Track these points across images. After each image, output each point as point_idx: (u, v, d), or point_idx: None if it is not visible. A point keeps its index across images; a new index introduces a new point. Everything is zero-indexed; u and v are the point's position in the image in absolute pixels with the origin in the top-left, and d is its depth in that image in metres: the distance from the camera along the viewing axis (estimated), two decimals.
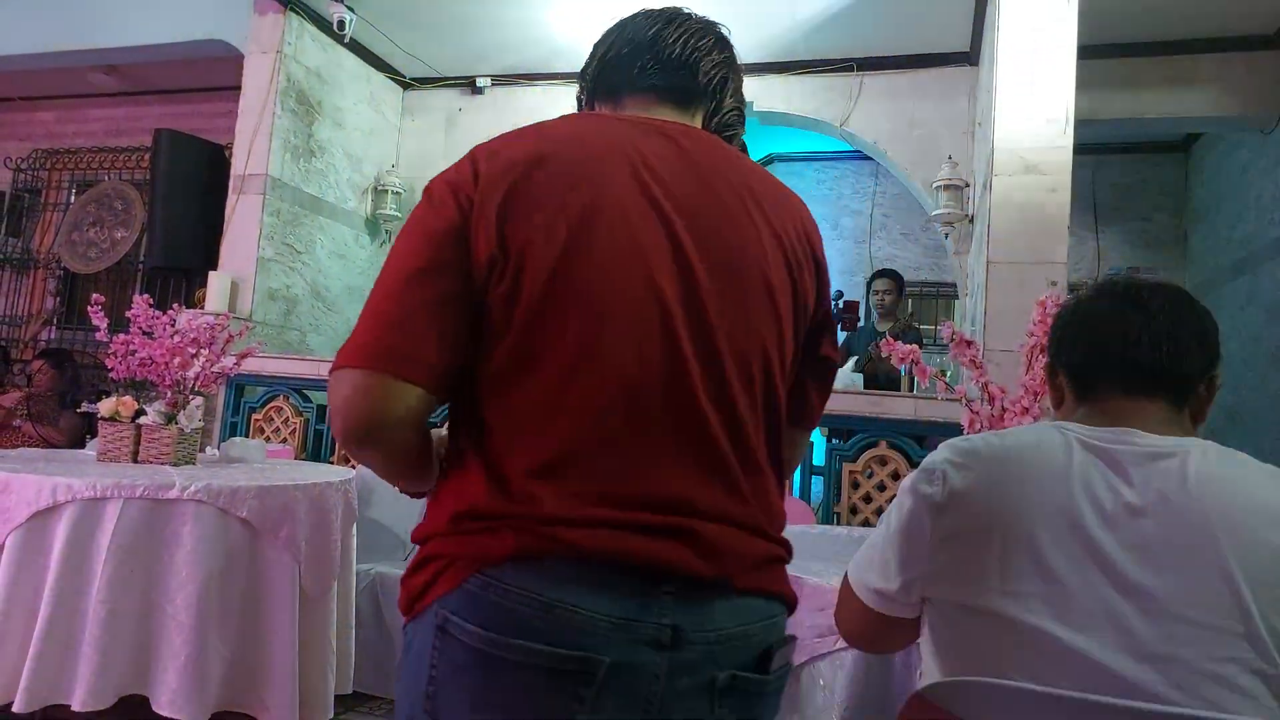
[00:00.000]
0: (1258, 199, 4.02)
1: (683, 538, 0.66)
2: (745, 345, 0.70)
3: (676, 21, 0.84)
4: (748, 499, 0.71)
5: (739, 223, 0.73)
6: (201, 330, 2.21)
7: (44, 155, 5.42)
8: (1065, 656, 0.72)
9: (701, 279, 0.69)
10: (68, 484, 1.71)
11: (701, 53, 0.83)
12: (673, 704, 0.66)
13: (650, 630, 0.65)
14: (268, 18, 3.76)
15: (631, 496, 0.66)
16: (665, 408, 0.68)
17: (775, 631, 0.73)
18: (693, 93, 0.82)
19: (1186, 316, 0.83)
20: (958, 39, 3.61)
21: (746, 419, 0.71)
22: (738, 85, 0.86)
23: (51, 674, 1.63)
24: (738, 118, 0.86)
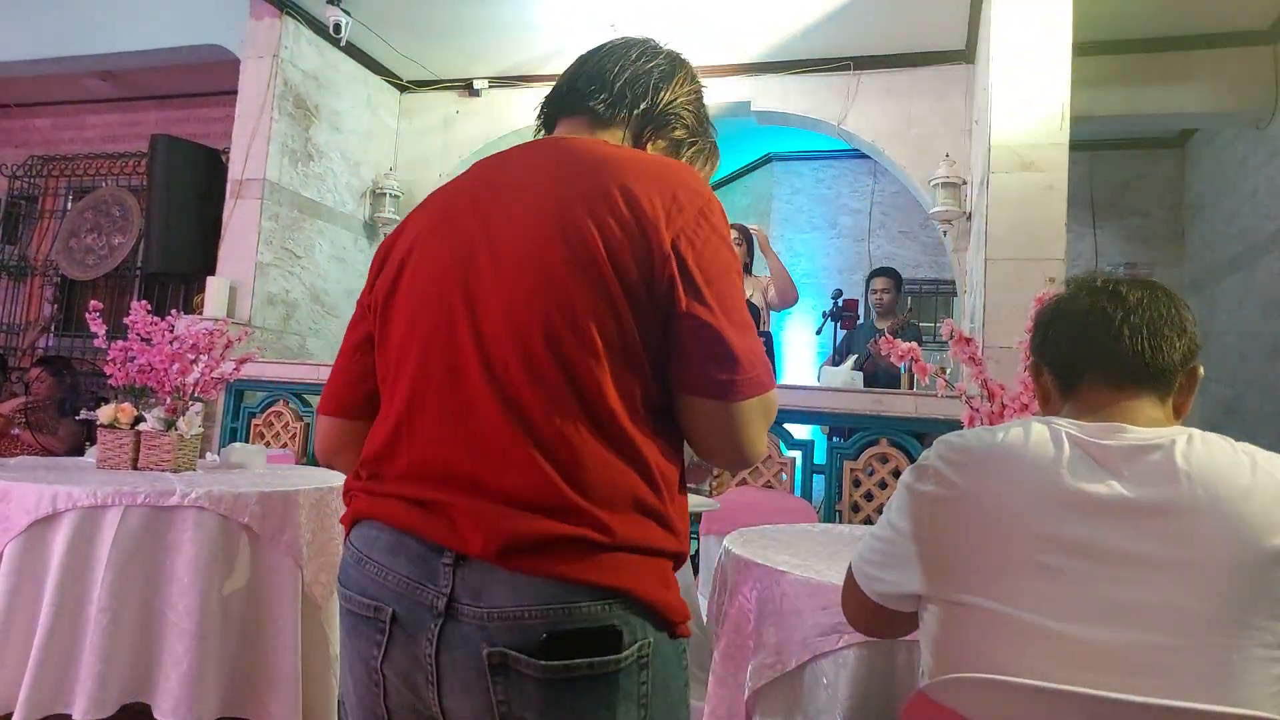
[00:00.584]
0: (1254, 193, 4.03)
1: (440, 512, 0.72)
2: (523, 326, 0.73)
3: (604, 48, 0.95)
4: (524, 476, 0.70)
5: (534, 217, 0.77)
6: (200, 336, 2.20)
7: (40, 162, 5.42)
8: (1061, 651, 0.72)
9: (484, 276, 0.76)
10: (67, 492, 1.71)
11: (613, 70, 0.91)
12: (447, 669, 0.70)
13: (429, 595, 0.71)
14: (264, 22, 3.76)
15: (415, 475, 0.75)
16: (446, 395, 0.75)
17: (566, 617, 0.68)
18: (601, 110, 0.90)
19: (1164, 309, 0.85)
20: (954, 37, 3.62)
21: (526, 397, 0.72)
22: (673, 89, 0.92)
23: (53, 683, 1.63)
24: (674, 116, 0.92)
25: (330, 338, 4.15)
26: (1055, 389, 0.90)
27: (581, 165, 0.79)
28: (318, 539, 1.95)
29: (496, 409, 0.72)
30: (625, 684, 0.71)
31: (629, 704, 0.71)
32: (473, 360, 0.74)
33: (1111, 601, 0.72)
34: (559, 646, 0.68)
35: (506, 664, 0.69)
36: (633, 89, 0.90)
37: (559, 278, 0.73)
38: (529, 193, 0.78)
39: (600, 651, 0.69)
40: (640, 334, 0.74)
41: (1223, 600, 0.70)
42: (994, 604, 0.76)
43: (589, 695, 0.70)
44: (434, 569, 0.71)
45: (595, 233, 0.74)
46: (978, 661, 0.75)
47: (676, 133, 0.92)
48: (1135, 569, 0.72)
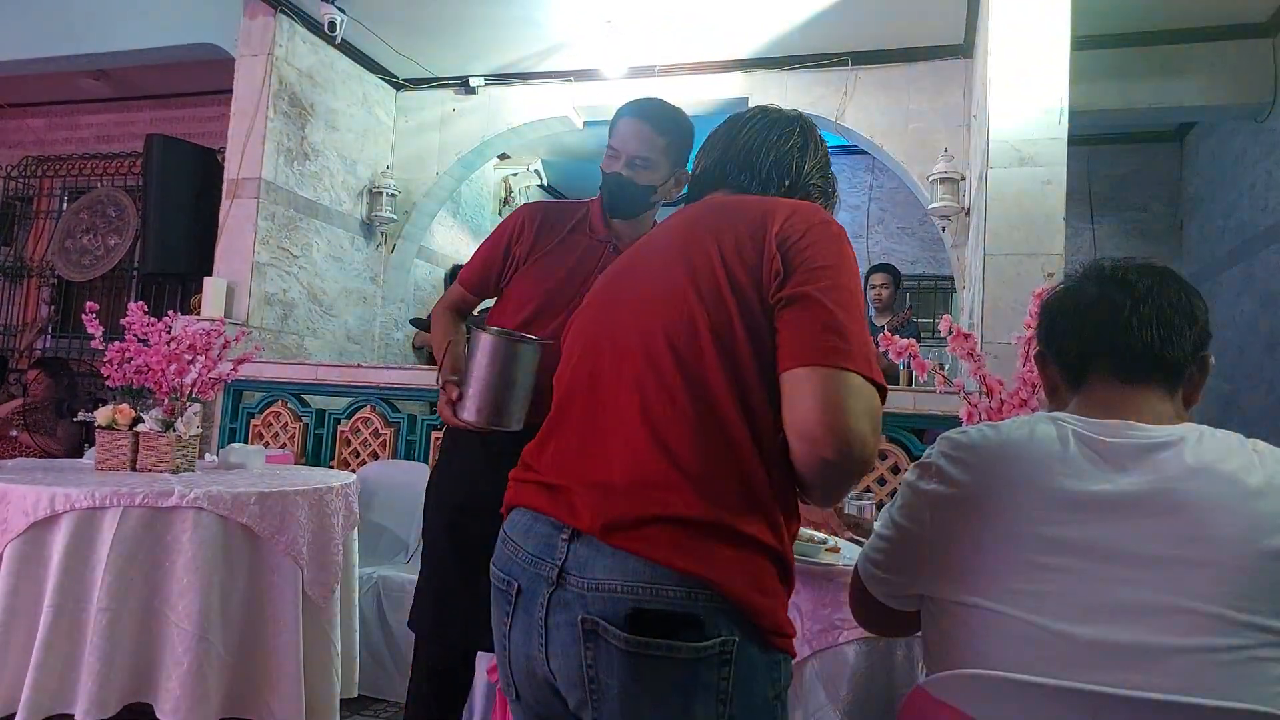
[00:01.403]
0: (1252, 187, 4.03)
1: (565, 495, 0.82)
2: (648, 332, 0.84)
3: (746, 128, 1.02)
4: (635, 455, 0.79)
5: (668, 244, 0.92)
6: (198, 336, 2.20)
7: (35, 162, 5.39)
8: (1064, 651, 0.71)
9: (627, 301, 0.90)
10: (66, 493, 1.70)
11: (759, 152, 1.00)
12: (553, 633, 0.79)
13: (546, 568, 0.80)
14: (258, 20, 3.74)
15: (554, 465, 0.86)
16: (587, 397, 0.87)
17: (652, 597, 0.74)
18: (751, 189, 0.99)
19: (1175, 297, 0.83)
20: (952, 32, 3.61)
21: (648, 390, 0.81)
22: (808, 161, 1.02)
23: (54, 684, 1.63)
24: (812, 186, 1.02)
25: (328, 337, 4.14)
26: (1062, 380, 0.88)
27: (718, 208, 0.93)
28: (317, 539, 1.95)
29: (623, 406, 0.82)
30: (704, 674, 0.74)
31: (707, 695, 0.74)
32: (608, 367, 0.86)
33: (1117, 602, 0.71)
34: (642, 623, 0.74)
35: (597, 632, 0.76)
36: (778, 170, 1.00)
37: (679, 289, 0.84)
38: (669, 239, 0.93)
39: (680, 637, 0.74)
40: (747, 332, 0.80)
41: (1229, 600, 0.69)
42: (997, 604, 0.75)
43: (667, 676, 0.74)
44: (553, 544, 0.81)
45: (715, 248, 0.85)
46: (979, 661, 0.75)
47: (815, 199, 1.02)
48: (1141, 569, 0.72)
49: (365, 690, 2.30)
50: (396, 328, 4.69)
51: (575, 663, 0.77)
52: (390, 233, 4.52)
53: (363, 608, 2.37)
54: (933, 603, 0.83)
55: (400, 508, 2.92)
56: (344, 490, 2.09)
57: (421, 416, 3.17)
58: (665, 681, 0.74)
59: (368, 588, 2.47)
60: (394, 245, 4.56)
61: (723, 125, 1.05)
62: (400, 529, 2.90)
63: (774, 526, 0.78)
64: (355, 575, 2.20)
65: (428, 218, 4.76)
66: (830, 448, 0.74)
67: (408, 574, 2.49)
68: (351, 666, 2.12)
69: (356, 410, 3.22)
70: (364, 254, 4.40)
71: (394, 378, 3.27)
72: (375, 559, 2.69)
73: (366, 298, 4.44)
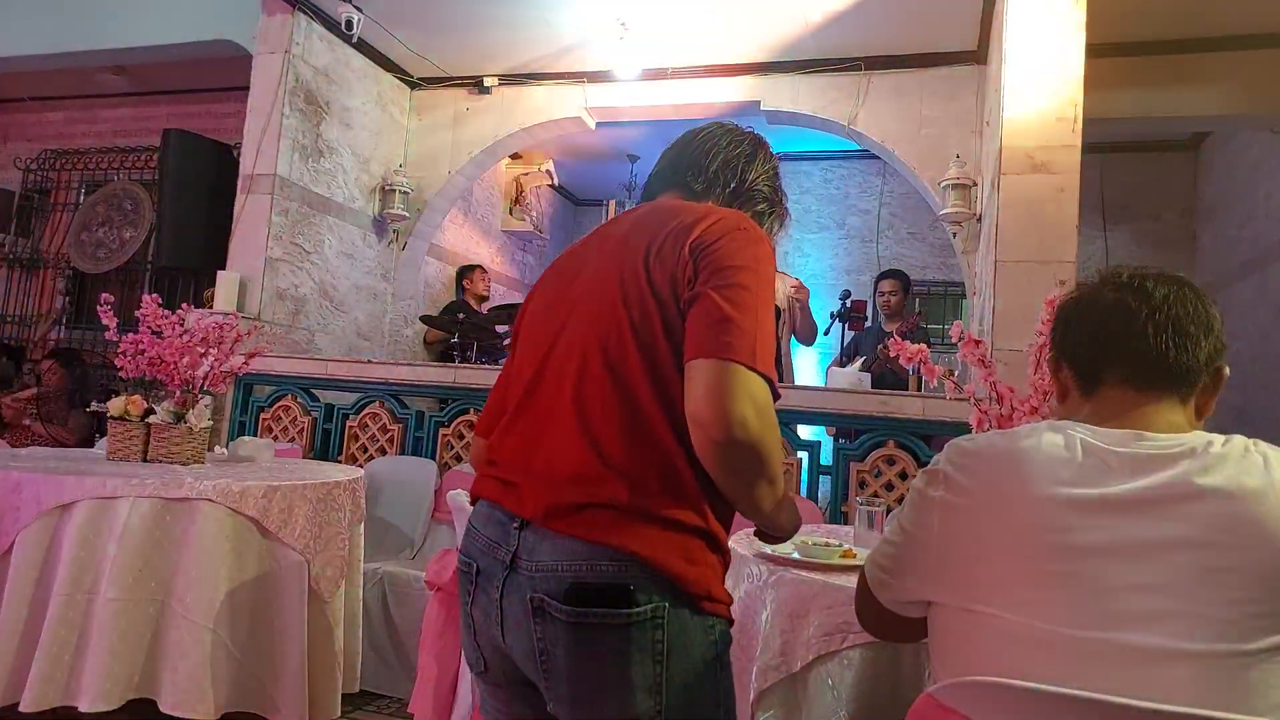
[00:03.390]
0: (1267, 197, 3.99)
1: (516, 489, 0.92)
2: (585, 345, 0.92)
3: (700, 135, 1.11)
4: (572, 454, 0.88)
5: (605, 260, 0.97)
6: (210, 329, 2.21)
7: (53, 156, 5.45)
8: (1074, 658, 0.71)
9: (567, 312, 0.97)
10: (77, 483, 1.72)
11: (707, 155, 1.08)
12: (508, 612, 0.89)
13: (502, 553, 0.90)
14: (275, 18, 3.77)
15: (507, 462, 0.95)
16: (535, 401, 0.96)
17: (588, 572, 0.84)
18: (697, 188, 1.08)
19: (1191, 306, 0.82)
20: (965, 38, 3.60)
21: (585, 397, 0.90)
22: (755, 169, 1.09)
23: (60, 674, 1.63)
24: (756, 193, 1.10)
25: (338, 333, 4.16)
26: (1075, 386, 0.88)
27: (656, 212, 1.00)
28: (324, 533, 1.95)
29: (565, 410, 0.91)
30: (639, 638, 0.83)
31: (644, 657, 0.84)
32: (552, 376, 0.94)
33: (1127, 606, 0.71)
34: (579, 596, 0.83)
35: (544, 608, 0.85)
36: (724, 172, 1.08)
37: (610, 295, 0.93)
38: (611, 240, 1.00)
39: (613, 605, 0.83)
40: (665, 333, 0.88)
41: (1239, 605, 0.69)
42: (1005, 612, 0.75)
43: (605, 641, 0.84)
44: (507, 532, 0.90)
45: (643, 255, 0.92)
46: (988, 668, 0.75)
47: (759, 206, 1.10)
48: (1150, 576, 0.71)
49: (368, 685, 2.31)
50: (406, 324, 4.71)
51: (527, 637, 0.87)
52: (402, 230, 4.55)
53: (368, 603, 2.38)
54: (941, 609, 0.83)
55: (407, 503, 2.93)
56: (351, 485, 2.10)
57: (429, 413, 3.18)
58: (605, 647, 0.84)
59: (373, 583, 2.48)
60: (405, 243, 4.58)
61: (683, 133, 1.13)
62: (406, 525, 2.91)
63: (698, 510, 0.87)
64: (360, 570, 2.21)
65: (439, 216, 4.77)
66: (716, 428, 0.81)
67: (413, 569, 2.50)
68: (355, 662, 2.13)
69: (365, 406, 3.23)
70: (375, 251, 4.42)
71: (403, 374, 3.28)
72: (381, 554, 2.70)
73: (377, 294, 4.46)
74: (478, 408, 3.11)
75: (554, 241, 6.99)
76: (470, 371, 3.22)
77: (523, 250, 6.52)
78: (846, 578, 1.25)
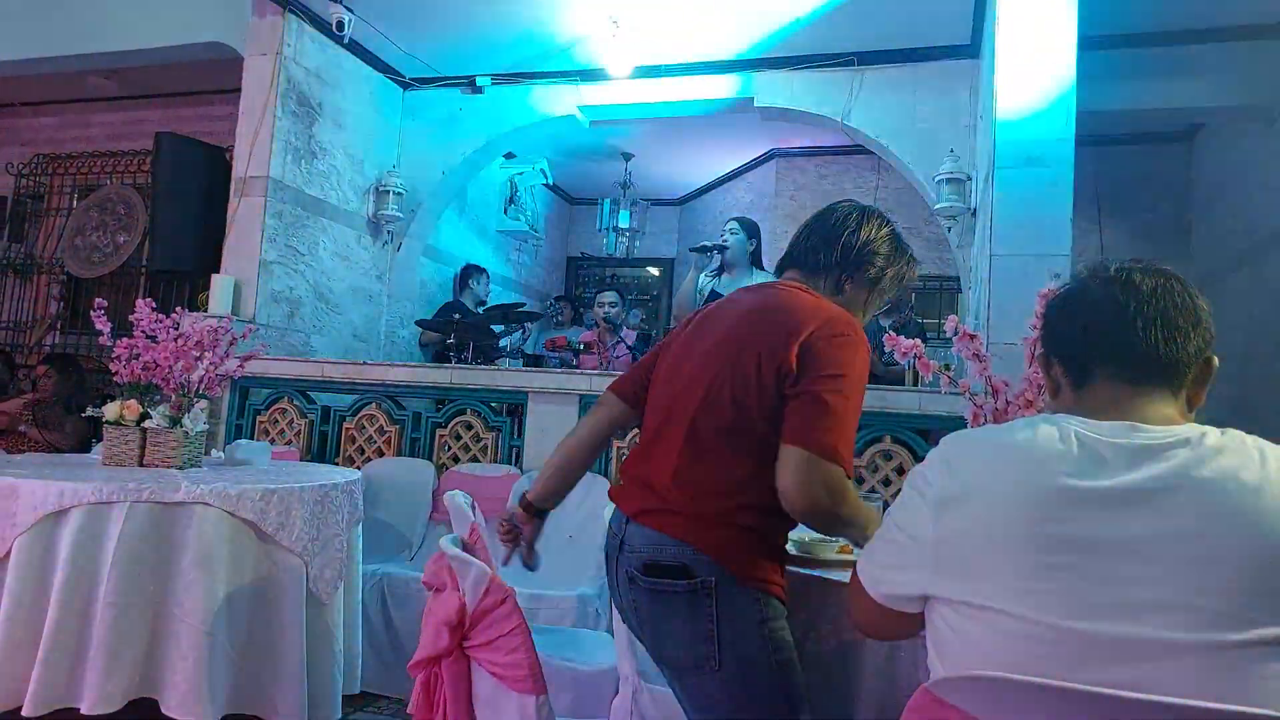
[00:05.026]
0: (1261, 188, 4.00)
1: (626, 493, 1.27)
2: (694, 394, 1.23)
3: (827, 221, 1.37)
4: (662, 475, 1.21)
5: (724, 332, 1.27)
6: (205, 333, 2.21)
7: (46, 160, 5.43)
8: (1069, 649, 0.71)
9: (690, 362, 1.28)
10: (74, 488, 1.71)
11: (825, 235, 1.35)
12: (619, 580, 1.23)
13: (615, 541, 1.24)
14: (266, 20, 3.76)
15: (628, 474, 1.30)
16: (660, 431, 1.27)
17: (659, 554, 1.16)
18: (815, 263, 1.34)
19: (1180, 299, 0.83)
20: (958, 32, 3.60)
21: (687, 434, 1.21)
22: (860, 234, 1.33)
23: (61, 678, 1.64)
24: (874, 255, 1.34)
25: (334, 334, 4.16)
26: (1066, 381, 0.88)
27: (774, 307, 1.26)
28: (322, 535, 1.95)
29: (674, 437, 1.22)
30: (695, 603, 1.14)
31: (699, 614, 1.14)
32: (676, 408, 1.24)
33: (1122, 598, 0.71)
34: (653, 569, 1.17)
35: (633, 579, 1.19)
36: (836, 251, 1.32)
37: (722, 366, 1.21)
38: (737, 314, 1.29)
39: (675, 577, 1.15)
40: (759, 407, 1.16)
41: (1234, 596, 0.69)
42: (1001, 605, 0.75)
43: (671, 603, 1.16)
44: (620, 526, 1.24)
45: (755, 348, 1.19)
46: (984, 661, 0.75)
47: (876, 266, 1.33)
48: (1146, 565, 0.72)
49: (368, 686, 2.31)
50: (402, 325, 4.71)
51: (629, 599, 1.21)
52: (396, 231, 4.54)
53: (366, 604, 2.38)
54: (937, 603, 0.83)
55: (404, 505, 2.93)
56: (348, 487, 2.10)
57: (426, 414, 3.18)
58: (671, 608, 1.16)
59: (371, 584, 2.48)
60: (400, 244, 4.57)
61: (811, 218, 1.40)
62: (404, 526, 2.91)
63: (748, 519, 1.16)
64: (359, 572, 2.21)
65: (434, 216, 4.77)
66: (797, 505, 1.13)
67: (411, 571, 2.50)
68: (354, 663, 2.13)
69: (361, 407, 3.23)
70: (370, 252, 4.42)
71: (399, 375, 3.28)
72: (379, 556, 2.70)
73: (372, 296, 4.46)
74: (474, 408, 3.11)
75: (549, 240, 6.98)
76: (466, 372, 3.21)
77: (518, 250, 6.51)
78: (843, 573, 1.26)
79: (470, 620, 1.12)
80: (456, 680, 1.14)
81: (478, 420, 3.09)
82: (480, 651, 1.12)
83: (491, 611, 1.10)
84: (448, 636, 1.13)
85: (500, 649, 1.09)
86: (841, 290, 1.32)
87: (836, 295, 1.31)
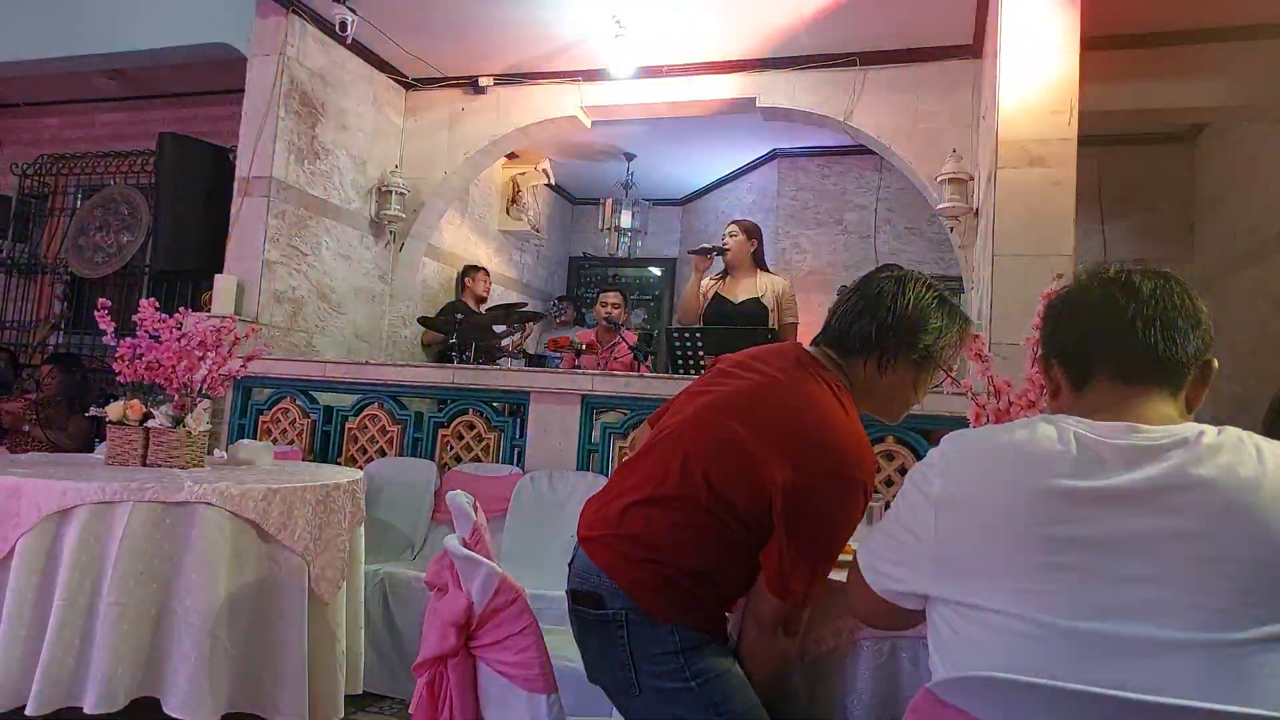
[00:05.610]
0: (1266, 189, 3.99)
1: (590, 505, 1.28)
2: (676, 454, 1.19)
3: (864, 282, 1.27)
4: (614, 502, 1.22)
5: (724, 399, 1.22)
6: (208, 333, 2.21)
7: (50, 160, 5.44)
8: (1069, 647, 0.71)
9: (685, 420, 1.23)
10: (77, 488, 1.72)
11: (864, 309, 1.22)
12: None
13: (570, 558, 1.26)
14: (270, 20, 3.77)
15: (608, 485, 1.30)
16: (628, 464, 1.27)
17: (583, 581, 1.19)
18: (854, 343, 1.22)
19: (1179, 300, 0.83)
20: (961, 31, 3.59)
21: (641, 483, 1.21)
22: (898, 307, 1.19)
23: (64, 677, 1.64)
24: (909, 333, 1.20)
25: (336, 335, 4.16)
26: (1066, 383, 0.88)
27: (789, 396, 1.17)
28: (324, 535, 1.95)
29: (629, 486, 1.21)
30: (611, 630, 1.15)
31: (615, 643, 1.15)
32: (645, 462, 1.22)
33: (1123, 598, 0.71)
34: (574, 597, 1.20)
35: (569, 598, 1.21)
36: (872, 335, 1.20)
37: (705, 437, 1.16)
38: (749, 383, 1.21)
39: (590, 606, 1.17)
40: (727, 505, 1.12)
41: (1234, 594, 0.69)
42: (1001, 605, 0.75)
43: (590, 629, 1.19)
44: (576, 544, 1.24)
45: (748, 435, 1.12)
46: (986, 662, 0.75)
47: (924, 339, 1.19)
48: (1144, 566, 0.71)
49: (370, 687, 2.31)
50: (404, 325, 4.71)
51: (569, 618, 1.24)
52: (399, 231, 4.54)
53: (368, 604, 2.38)
54: (937, 603, 0.83)
55: (406, 505, 2.93)
56: (351, 487, 2.10)
57: (428, 414, 3.18)
58: (591, 632, 1.19)
59: (374, 584, 2.48)
60: (402, 244, 4.58)
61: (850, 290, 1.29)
62: (406, 526, 2.91)
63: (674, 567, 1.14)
64: (361, 572, 2.21)
65: (436, 216, 4.77)
66: (757, 629, 1.16)
67: (413, 571, 2.50)
68: (357, 663, 2.13)
69: (364, 407, 3.23)
70: (373, 252, 4.42)
71: (401, 375, 3.28)
72: (381, 556, 2.70)
73: (375, 296, 4.46)
74: (476, 408, 3.11)
75: (551, 240, 6.98)
76: (469, 372, 3.22)
77: (520, 250, 6.52)
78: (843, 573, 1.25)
79: (478, 620, 1.12)
80: (463, 680, 1.14)
81: (480, 420, 3.09)
82: (488, 651, 1.12)
83: (501, 611, 1.10)
84: (454, 636, 1.12)
85: (509, 648, 1.09)
86: (885, 372, 1.19)
87: (880, 377, 1.19)
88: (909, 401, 1.25)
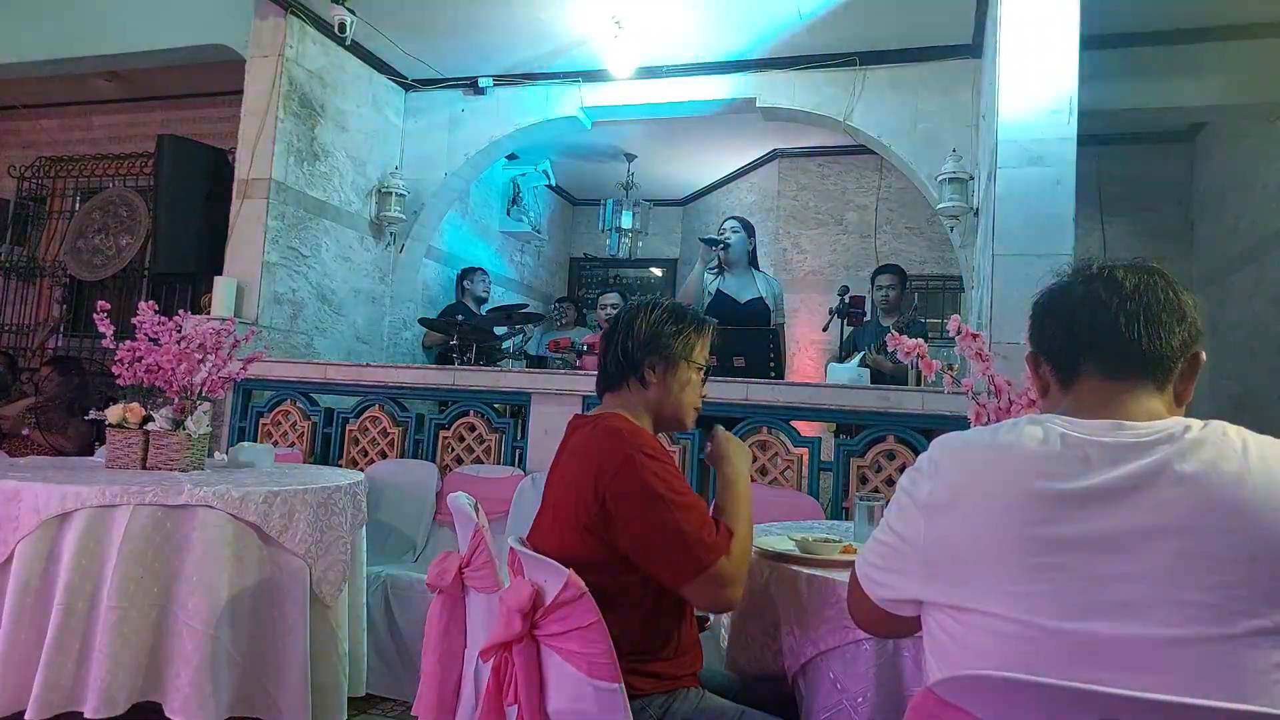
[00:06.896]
0: (1264, 187, 3.99)
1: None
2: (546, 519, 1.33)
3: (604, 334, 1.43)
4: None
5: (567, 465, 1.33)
6: (208, 335, 2.21)
7: (48, 163, 5.44)
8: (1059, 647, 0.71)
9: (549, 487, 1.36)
10: (77, 491, 1.72)
11: (604, 354, 1.40)
12: None
13: None
14: (268, 21, 3.77)
15: None
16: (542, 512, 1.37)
17: None
18: (616, 376, 1.38)
19: (1163, 294, 0.82)
20: (960, 31, 3.59)
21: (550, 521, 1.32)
22: (638, 328, 1.36)
23: (64, 682, 1.64)
24: (655, 341, 1.36)
25: (336, 336, 4.16)
26: (1054, 381, 0.88)
27: (590, 442, 1.27)
28: (325, 538, 1.95)
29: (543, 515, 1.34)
30: None
31: None
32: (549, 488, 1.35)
33: (1112, 596, 0.71)
34: None
35: None
36: (625, 360, 1.34)
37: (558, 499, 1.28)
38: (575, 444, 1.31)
39: None
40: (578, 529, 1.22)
41: (1221, 590, 0.69)
42: (992, 608, 0.75)
43: None
44: None
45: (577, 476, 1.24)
46: (980, 665, 0.75)
47: (664, 346, 1.32)
48: (1131, 564, 0.71)
49: (373, 689, 2.31)
50: (405, 327, 4.71)
51: None
52: (399, 233, 4.54)
53: (370, 607, 2.37)
54: (931, 608, 0.83)
55: (408, 506, 2.93)
56: (352, 489, 2.10)
57: (429, 416, 3.18)
58: None
59: (375, 587, 2.48)
60: (403, 245, 4.58)
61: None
62: (408, 528, 2.91)
63: None
64: (363, 574, 2.21)
65: (436, 218, 4.77)
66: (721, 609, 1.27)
67: (415, 573, 2.50)
68: (359, 665, 2.13)
69: (365, 409, 3.23)
70: (373, 254, 4.42)
71: (402, 377, 3.28)
72: (383, 558, 2.70)
73: (375, 297, 4.46)
74: (477, 410, 3.11)
75: (552, 241, 6.98)
76: (469, 374, 3.21)
77: (521, 251, 6.52)
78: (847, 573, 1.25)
79: (544, 610, 1.15)
80: (529, 664, 1.16)
81: (481, 422, 3.09)
82: (554, 640, 1.14)
83: (567, 604, 1.12)
84: (519, 623, 1.15)
85: (575, 640, 1.12)
86: (648, 386, 1.32)
87: (646, 391, 1.32)
88: (685, 402, 1.36)
